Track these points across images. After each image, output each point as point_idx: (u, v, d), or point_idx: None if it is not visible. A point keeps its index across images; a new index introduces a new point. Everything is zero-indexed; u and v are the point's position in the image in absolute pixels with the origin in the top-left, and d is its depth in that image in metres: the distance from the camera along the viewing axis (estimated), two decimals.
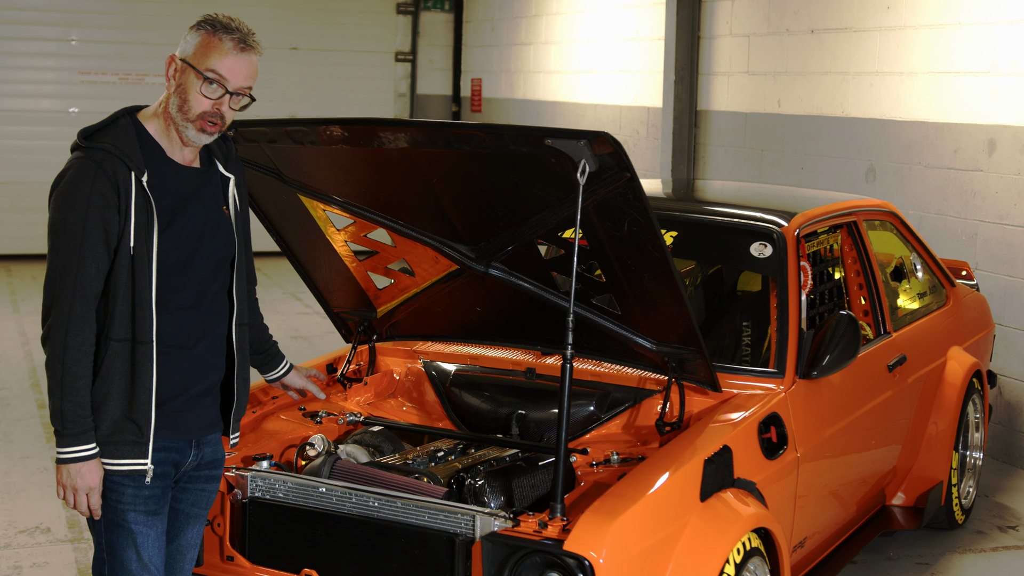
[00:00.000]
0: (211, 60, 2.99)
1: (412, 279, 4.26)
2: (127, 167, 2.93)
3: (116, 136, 2.97)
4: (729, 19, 9.02)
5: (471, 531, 3.30)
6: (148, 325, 2.96)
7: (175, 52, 3.03)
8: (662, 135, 9.63)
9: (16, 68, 12.61)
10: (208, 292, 3.11)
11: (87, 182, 2.91)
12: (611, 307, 3.96)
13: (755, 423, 3.87)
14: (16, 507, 5.65)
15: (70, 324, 2.91)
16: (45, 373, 2.97)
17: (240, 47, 3.01)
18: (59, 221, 2.94)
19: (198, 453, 3.16)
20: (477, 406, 4.29)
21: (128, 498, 3.03)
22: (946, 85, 6.99)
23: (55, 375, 2.93)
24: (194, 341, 3.08)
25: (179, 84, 3.01)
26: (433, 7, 14.01)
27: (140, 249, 2.94)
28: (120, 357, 2.96)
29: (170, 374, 3.04)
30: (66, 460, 2.96)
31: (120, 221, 2.93)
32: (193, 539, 3.26)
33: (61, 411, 2.93)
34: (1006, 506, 5.99)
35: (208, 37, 3.00)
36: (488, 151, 3.50)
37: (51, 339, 2.94)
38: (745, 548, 3.52)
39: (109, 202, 2.91)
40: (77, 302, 2.91)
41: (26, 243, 12.66)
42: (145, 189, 2.95)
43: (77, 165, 2.94)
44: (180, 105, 3.01)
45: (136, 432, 2.98)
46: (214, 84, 2.99)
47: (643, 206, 3.44)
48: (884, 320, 4.92)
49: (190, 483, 3.20)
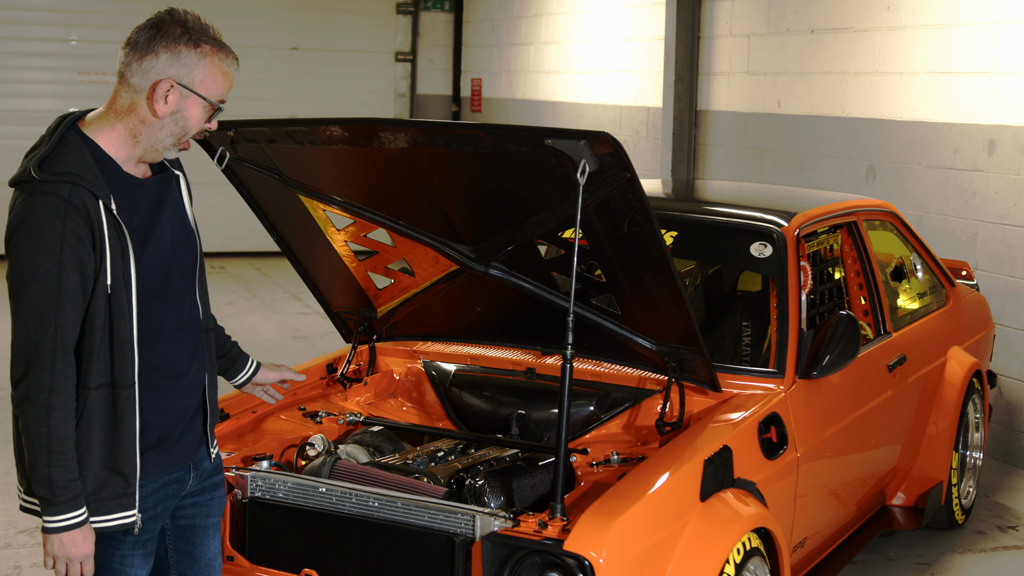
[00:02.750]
0: (223, 89, 2.78)
1: (412, 279, 4.26)
2: (95, 196, 2.62)
3: (74, 162, 2.64)
4: (729, 19, 9.02)
5: (471, 531, 3.30)
6: (129, 367, 2.70)
7: (165, 73, 2.71)
8: (662, 135, 9.64)
9: (16, 68, 12.61)
10: (186, 307, 2.87)
11: (57, 222, 2.58)
12: (611, 307, 3.96)
13: (755, 423, 3.87)
14: (16, 507, 5.65)
15: (53, 383, 2.61)
16: (20, 436, 2.65)
17: (235, 64, 2.81)
18: (28, 269, 2.60)
19: (197, 473, 2.97)
20: (477, 406, 4.29)
21: (127, 547, 2.84)
22: (946, 85, 6.99)
23: (39, 440, 2.61)
24: (187, 364, 2.86)
25: (176, 111, 2.73)
26: (433, 7, 14.00)
27: (118, 285, 2.66)
28: (100, 405, 2.68)
29: (168, 408, 2.83)
30: (56, 530, 2.67)
31: (96, 259, 2.63)
32: (216, 547, 3.12)
33: (49, 479, 2.62)
34: (1006, 506, 5.99)
35: (214, 62, 2.75)
36: (488, 151, 3.50)
37: (31, 400, 2.61)
38: (745, 548, 3.52)
39: (83, 242, 2.60)
40: (59, 357, 2.61)
41: None
42: (116, 217, 2.65)
43: (40, 203, 2.60)
44: (176, 132, 2.75)
45: (122, 484, 2.73)
46: (219, 110, 2.80)
47: (643, 206, 3.44)
48: (884, 320, 4.92)
49: (199, 496, 3.03)
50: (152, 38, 2.73)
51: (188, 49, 2.73)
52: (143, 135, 2.75)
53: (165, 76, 2.72)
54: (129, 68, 2.74)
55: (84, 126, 2.76)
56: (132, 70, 2.73)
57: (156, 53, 2.72)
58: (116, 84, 2.76)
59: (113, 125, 2.75)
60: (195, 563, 3.07)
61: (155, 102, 2.72)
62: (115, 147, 2.75)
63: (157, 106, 2.72)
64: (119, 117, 2.75)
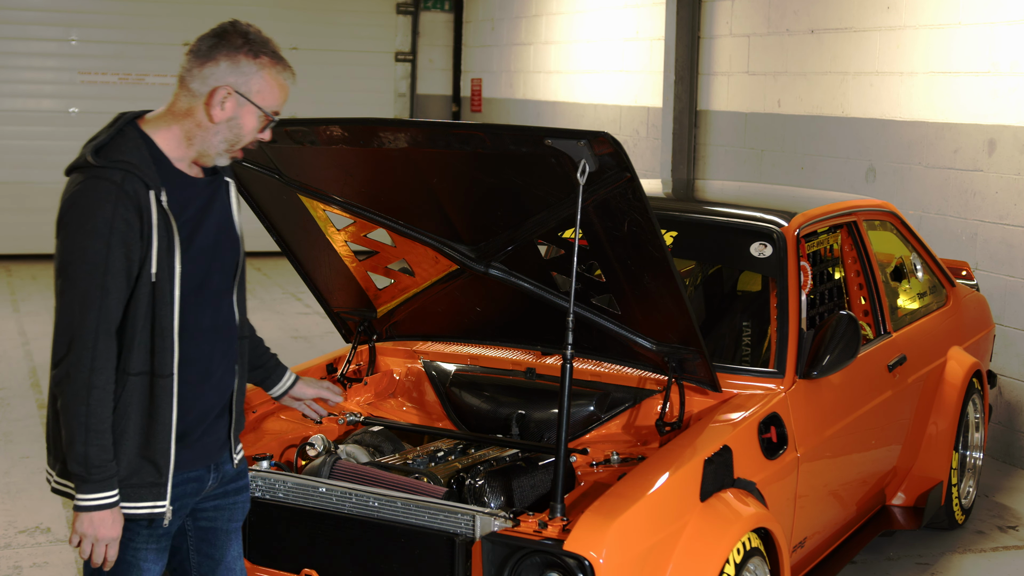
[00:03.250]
0: (279, 101, 2.86)
1: (412, 279, 4.26)
2: (146, 186, 2.71)
3: (129, 152, 2.74)
4: (729, 19, 9.02)
5: (471, 531, 3.30)
6: (169, 356, 2.76)
7: (224, 81, 2.78)
8: (662, 135, 9.64)
9: (16, 68, 12.61)
10: (223, 309, 2.92)
11: (108, 206, 2.67)
12: (611, 307, 3.96)
13: (755, 423, 3.87)
14: (16, 507, 5.65)
15: (95, 362, 2.67)
16: (56, 416, 2.73)
17: (292, 78, 2.89)
18: (77, 248, 2.68)
19: (217, 474, 2.99)
20: (477, 406, 4.29)
21: (142, 539, 2.87)
22: (946, 85, 6.99)
23: (78, 418, 2.67)
24: (216, 365, 2.89)
25: (232, 117, 2.80)
26: (433, 7, 14.01)
27: (162, 274, 2.73)
28: (138, 392, 2.74)
29: (193, 405, 2.86)
30: (88, 508, 2.72)
31: (142, 247, 2.70)
32: (237, 551, 3.13)
33: (85, 457, 2.68)
34: (1006, 506, 5.99)
35: (272, 73, 2.82)
36: (488, 151, 3.50)
37: (72, 379, 2.67)
38: (745, 548, 3.52)
39: (132, 227, 2.68)
40: (101, 337, 2.68)
41: (26, 243, 12.66)
42: (165, 209, 2.74)
43: (93, 186, 2.70)
44: (230, 138, 2.82)
45: (155, 473, 2.78)
46: (273, 121, 2.87)
47: (643, 206, 3.44)
48: (884, 320, 4.92)
49: (221, 499, 3.04)
50: (214, 47, 2.81)
51: (248, 59, 2.81)
52: (197, 138, 2.82)
53: (223, 83, 2.80)
54: (190, 73, 2.82)
55: (142, 123, 2.84)
56: (192, 76, 2.81)
57: (217, 61, 2.80)
58: (176, 88, 2.84)
59: (170, 125, 2.83)
60: (216, 566, 3.09)
61: (212, 108, 2.80)
62: (170, 146, 2.82)
63: (214, 112, 2.80)
64: (176, 119, 2.83)
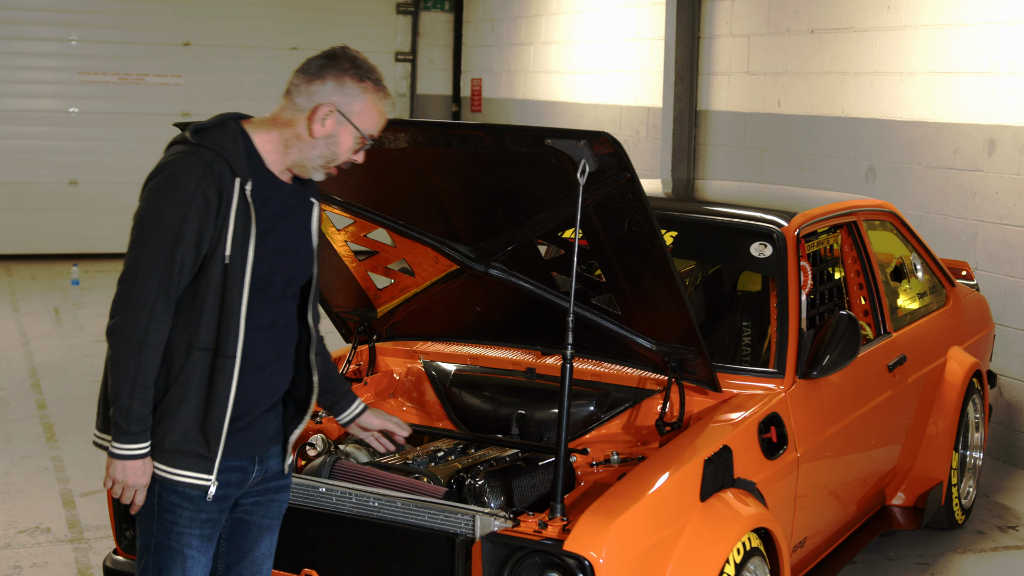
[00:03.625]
0: (376, 125, 2.98)
1: (412, 279, 4.26)
2: (233, 172, 2.85)
3: (226, 139, 2.88)
4: (729, 19, 9.02)
5: (471, 531, 3.30)
6: (234, 339, 2.87)
7: (328, 99, 2.91)
8: (662, 135, 9.64)
9: (16, 68, 12.62)
10: (283, 313, 3.03)
11: (192, 181, 2.81)
12: (611, 307, 3.96)
13: (755, 423, 3.87)
14: (16, 507, 5.66)
15: (150, 323, 2.81)
16: (109, 363, 2.85)
17: (391, 106, 3.01)
18: (154, 213, 2.81)
19: (261, 468, 3.07)
20: (477, 406, 4.29)
21: (185, 521, 2.94)
22: (946, 85, 6.99)
23: (126, 372, 2.82)
24: (267, 362, 2.99)
25: (331, 135, 2.93)
26: (433, 7, 14.01)
27: (235, 259, 2.85)
28: (199, 366, 2.87)
29: (243, 392, 2.95)
30: (123, 456, 2.87)
31: (216, 227, 2.83)
32: (268, 549, 3.19)
33: (129, 408, 2.83)
34: (1006, 506, 5.99)
35: (374, 99, 2.95)
36: (488, 151, 3.50)
37: (124, 333, 2.82)
38: (745, 548, 3.52)
39: (210, 206, 2.81)
40: (161, 301, 2.81)
41: (26, 243, 12.67)
42: (247, 198, 2.87)
43: (184, 160, 2.84)
44: (326, 155, 2.95)
45: (204, 446, 2.89)
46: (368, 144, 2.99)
47: (643, 206, 3.44)
48: (884, 320, 4.92)
49: (261, 496, 3.12)
50: (323, 67, 2.94)
51: (353, 82, 2.94)
52: (295, 148, 2.95)
53: (327, 101, 2.93)
54: (297, 88, 2.95)
55: (245, 123, 2.97)
56: (300, 91, 2.95)
57: (324, 79, 2.93)
58: (283, 99, 2.98)
59: (270, 131, 2.96)
60: (243, 558, 3.15)
61: (314, 123, 2.92)
62: (267, 148, 2.96)
63: (315, 127, 2.93)
64: (277, 126, 2.96)
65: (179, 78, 12.92)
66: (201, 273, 2.85)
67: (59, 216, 12.71)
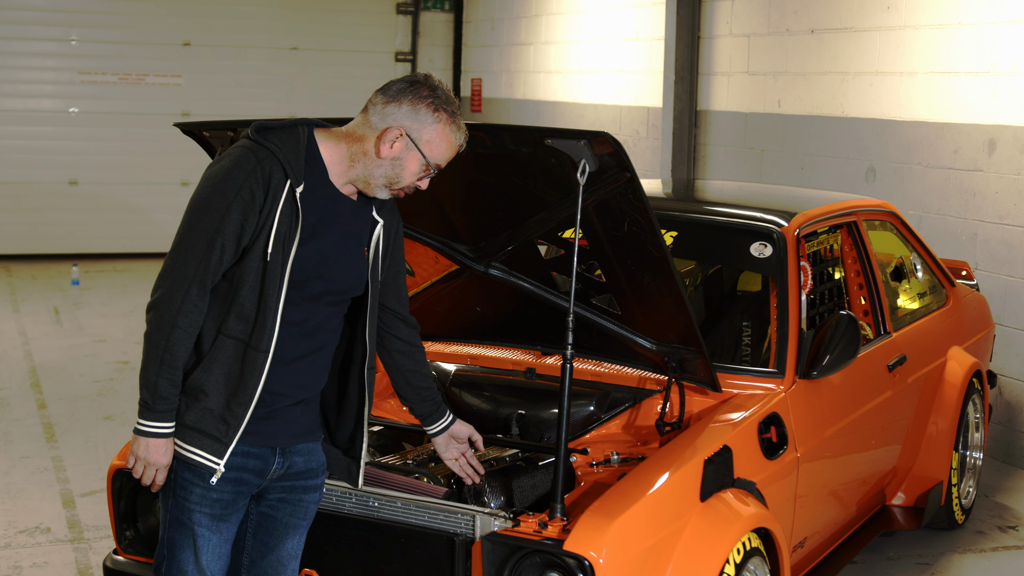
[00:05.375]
0: (444, 156, 3.03)
1: (412, 279, 4.26)
2: (284, 174, 2.92)
3: (286, 142, 2.95)
4: (729, 19, 9.02)
5: (471, 531, 3.30)
6: (268, 335, 2.94)
7: (400, 123, 2.97)
8: (662, 135, 9.64)
9: (16, 68, 12.62)
10: (317, 315, 3.05)
11: (242, 175, 2.89)
12: (611, 307, 3.96)
13: (755, 423, 3.87)
14: (16, 507, 5.65)
15: (183, 305, 2.89)
16: (144, 339, 2.94)
17: (463, 139, 3.06)
18: (204, 200, 2.91)
19: (283, 462, 3.09)
20: (477, 406, 4.29)
21: (196, 497, 2.99)
22: (946, 85, 6.99)
23: (156, 349, 2.90)
24: (291, 357, 3.02)
25: (397, 158, 2.99)
26: (433, 7, 14.01)
27: (276, 258, 2.92)
28: (224, 353, 2.94)
29: (265, 384, 3.00)
30: (147, 433, 2.94)
31: (259, 222, 2.91)
32: (294, 550, 3.20)
33: (156, 385, 2.91)
34: (1006, 506, 5.99)
35: (445, 130, 3.00)
36: (488, 151, 3.50)
37: (160, 312, 2.90)
38: (745, 548, 3.52)
39: (255, 200, 2.89)
40: (195, 285, 2.90)
41: (26, 243, 12.67)
42: (296, 200, 2.93)
43: (240, 154, 2.93)
44: (390, 176, 3.00)
45: (222, 430, 2.95)
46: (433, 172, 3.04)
47: (643, 206, 3.44)
48: (884, 320, 4.92)
49: (287, 493, 3.14)
50: (402, 91, 3.01)
51: (428, 110, 3.00)
52: (360, 164, 3.01)
53: (399, 124, 2.99)
54: (374, 107, 3.02)
55: (317, 131, 3.04)
56: (376, 110, 3.01)
57: (400, 103, 2.99)
58: (359, 115, 3.05)
59: (339, 142, 3.03)
60: (268, 554, 3.17)
61: (382, 143, 2.99)
62: (332, 158, 3.02)
63: (382, 147, 2.99)
64: (347, 140, 3.03)
65: (179, 78, 12.91)
66: (239, 264, 2.93)
67: (59, 216, 12.71)
